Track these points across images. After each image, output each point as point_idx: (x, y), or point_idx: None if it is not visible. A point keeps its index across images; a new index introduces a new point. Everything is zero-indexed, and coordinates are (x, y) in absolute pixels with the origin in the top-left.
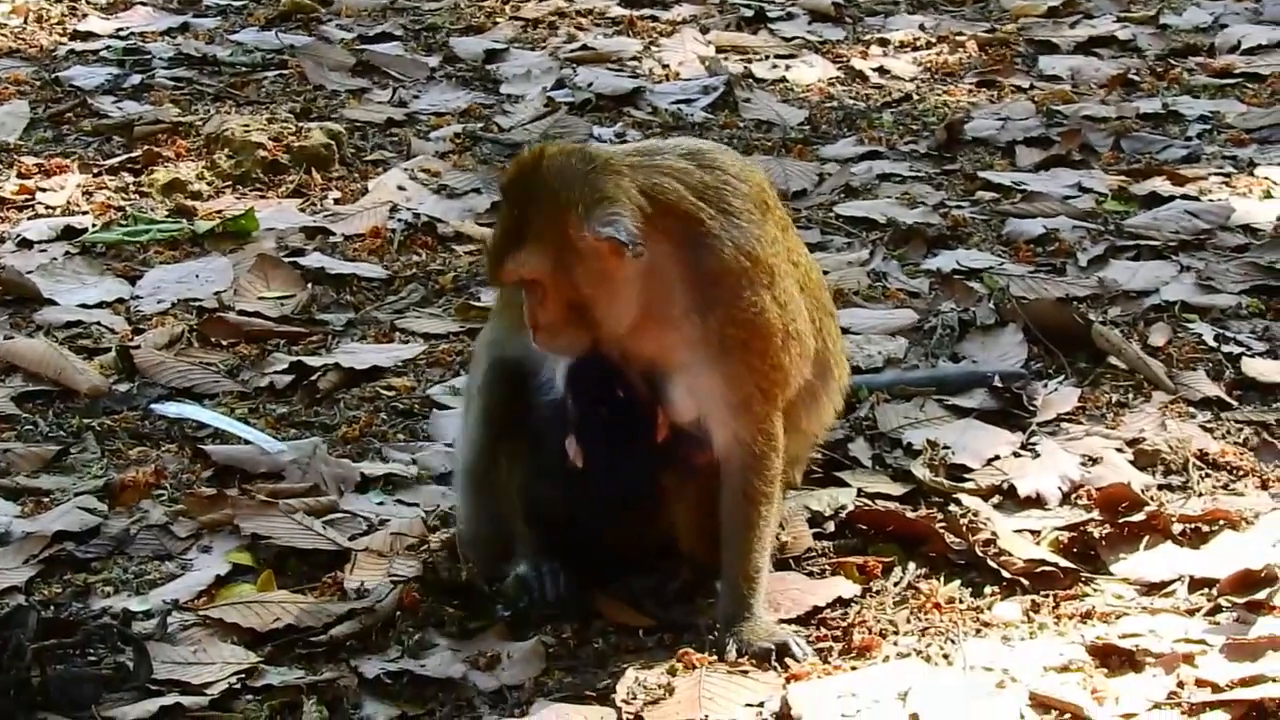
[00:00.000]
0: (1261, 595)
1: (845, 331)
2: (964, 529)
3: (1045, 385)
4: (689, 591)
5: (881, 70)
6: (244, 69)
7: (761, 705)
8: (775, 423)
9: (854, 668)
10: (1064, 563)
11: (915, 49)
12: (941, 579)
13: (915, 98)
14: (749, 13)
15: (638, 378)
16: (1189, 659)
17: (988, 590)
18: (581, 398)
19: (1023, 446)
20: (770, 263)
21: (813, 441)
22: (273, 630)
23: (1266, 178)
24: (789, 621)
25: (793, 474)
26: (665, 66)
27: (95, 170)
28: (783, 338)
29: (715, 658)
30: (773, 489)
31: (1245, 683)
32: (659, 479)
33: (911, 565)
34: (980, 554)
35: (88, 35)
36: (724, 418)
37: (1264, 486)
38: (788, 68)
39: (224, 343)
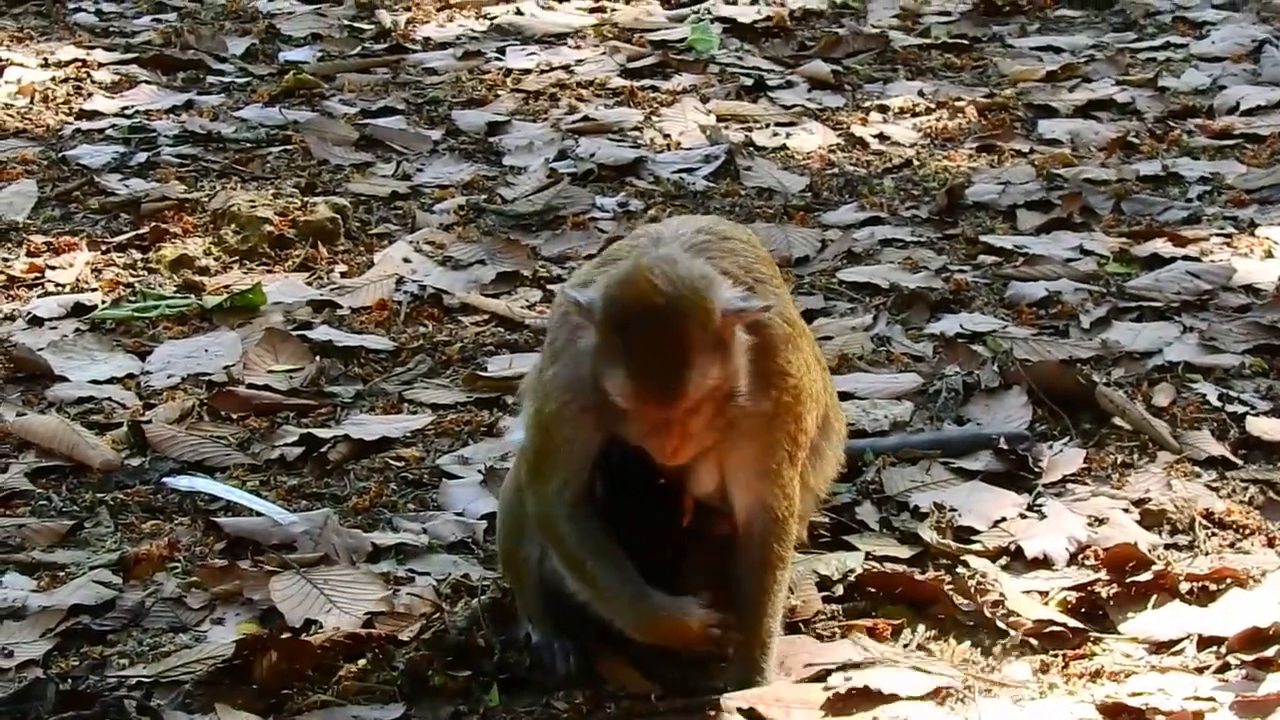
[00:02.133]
0: (1270, 653)
1: (850, 396)
2: (972, 590)
3: (1050, 447)
4: (702, 656)
5: (881, 136)
6: (248, 145)
7: None
8: (795, 487)
9: None
10: (1072, 622)
11: (914, 115)
12: (951, 640)
13: (915, 163)
14: (749, 81)
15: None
16: (1199, 716)
17: (997, 651)
18: (614, 487)
19: (1029, 508)
20: (800, 324)
21: (818, 498)
22: (284, 697)
23: (1267, 238)
24: (800, 684)
25: (800, 532)
26: (666, 136)
27: (103, 247)
28: (810, 401)
29: None
30: (789, 554)
31: None
32: (678, 557)
33: (920, 627)
34: (989, 615)
35: (93, 114)
36: (751, 484)
37: (1270, 544)
38: (788, 135)
39: (234, 416)
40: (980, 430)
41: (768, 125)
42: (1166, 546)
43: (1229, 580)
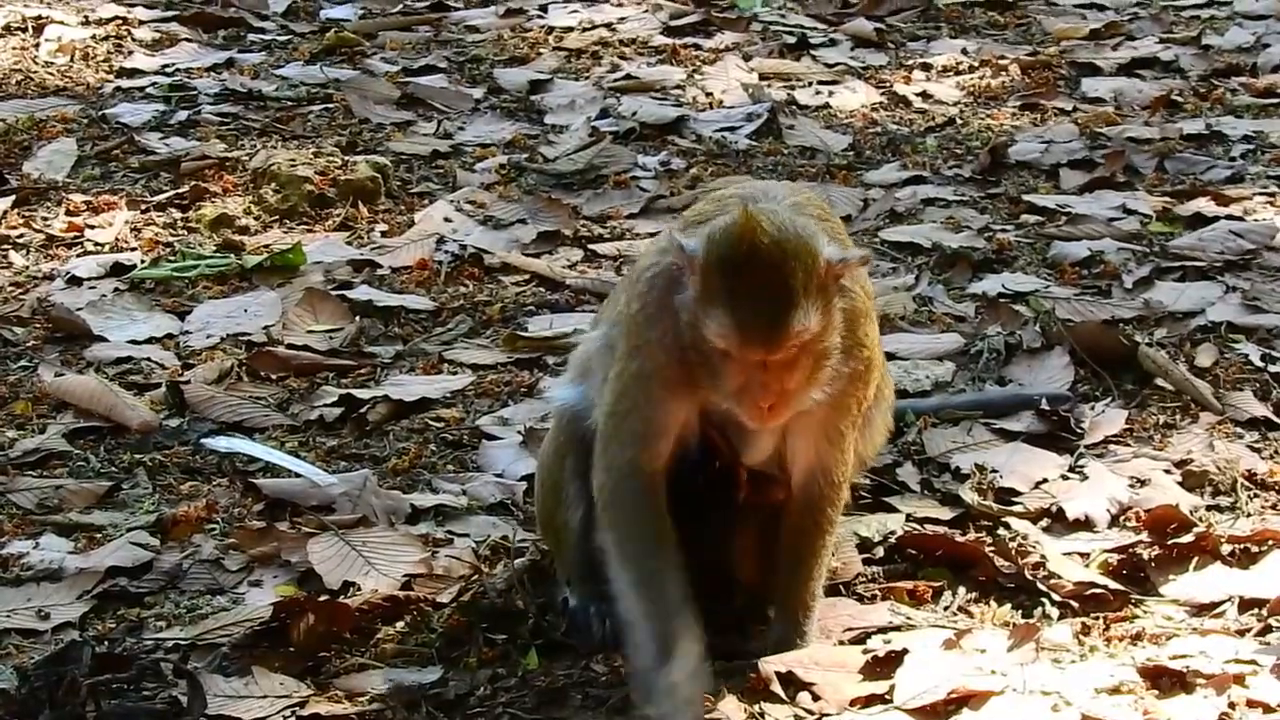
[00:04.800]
0: None
1: (892, 357)
2: (1013, 552)
3: (1092, 408)
4: (741, 618)
5: (924, 95)
6: (289, 103)
7: None
8: (851, 452)
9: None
10: (1113, 585)
11: (958, 73)
12: (992, 602)
13: (959, 122)
14: (791, 40)
15: (717, 433)
16: (1240, 679)
17: (1037, 613)
18: (679, 472)
19: (1071, 469)
20: (872, 290)
21: (864, 464)
22: (321, 660)
23: None
24: (841, 646)
25: (846, 497)
26: (709, 94)
27: (143, 207)
28: (878, 372)
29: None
30: (838, 517)
31: None
32: (729, 524)
33: (961, 589)
34: (1030, 577)
35: (133, 72)
36: (815, 448)
37: None
38: (831, 94)
39: (273, 376)
40: (1021, 391)
41: (810, 84)
42: (1208, 508)
43: (1271, 542)
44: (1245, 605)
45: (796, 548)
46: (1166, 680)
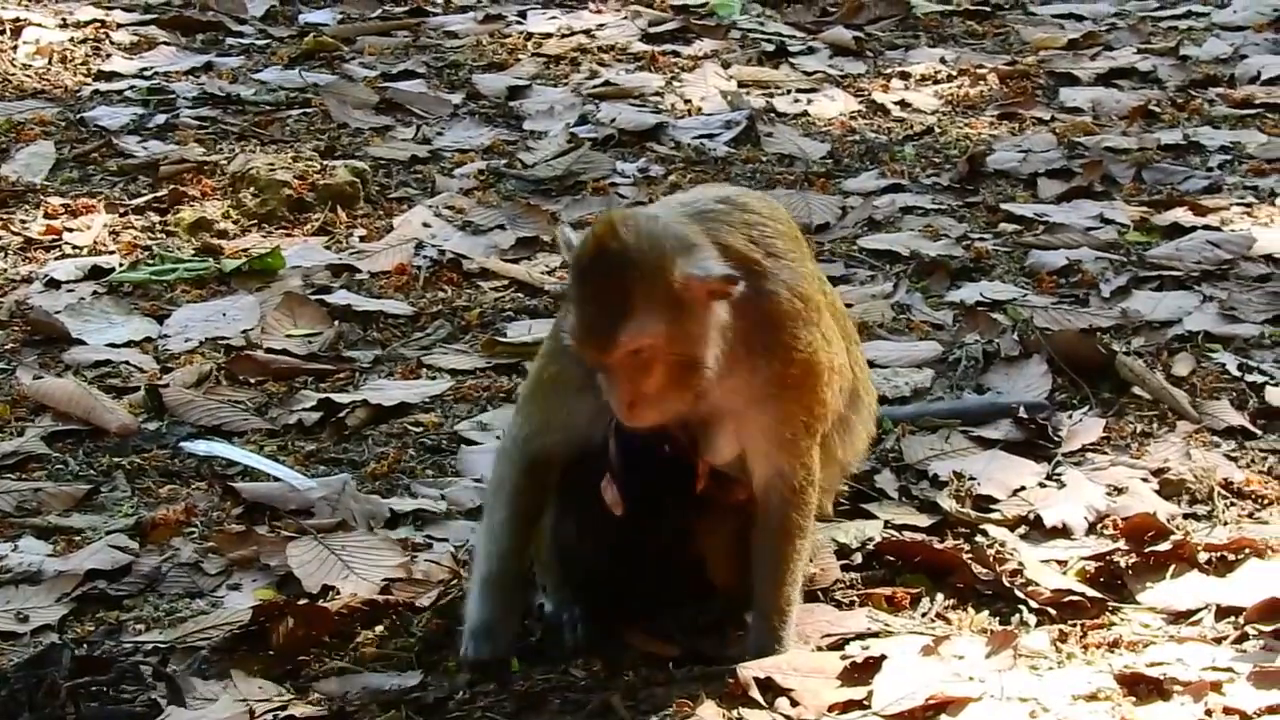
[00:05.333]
0: None
1: (870, 365)
2: (991, 559)
3: (1070, 416)
4: (720, 623)
5: (903, 103)
6: (268, 107)
7: None
8: (814, 457)
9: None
10: (1091, 592)
11: (936, 82)
12: (969, 609)
13: (937, 130)
14: (770, 47)
15: (679, 427)
16: (1216, 687)
17: (1015, 620)
18: (627, 451)
19: (1048, 477)
20: (816, 300)
21: (846, 471)
22: (300, 663)
23: None
24: (819, 653)
25: (825, 504)
26: (687, 101)
27: (121, 210)
28: (829, 374)
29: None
30: (808, 522)
31: (1273, 710)
32: (693, 522)
33: (939, 596)
34: (1007, 584)
35: (112, 75)
36: (768, 454)
37: None
38: (809, 101)
39: (252, 380)
40: (999, 399)
41: (789, 91)
42: (1185, 516)
43: (1247, 550)
44: (1222, 613)
45: (764, 551)
46: (1144, 687)
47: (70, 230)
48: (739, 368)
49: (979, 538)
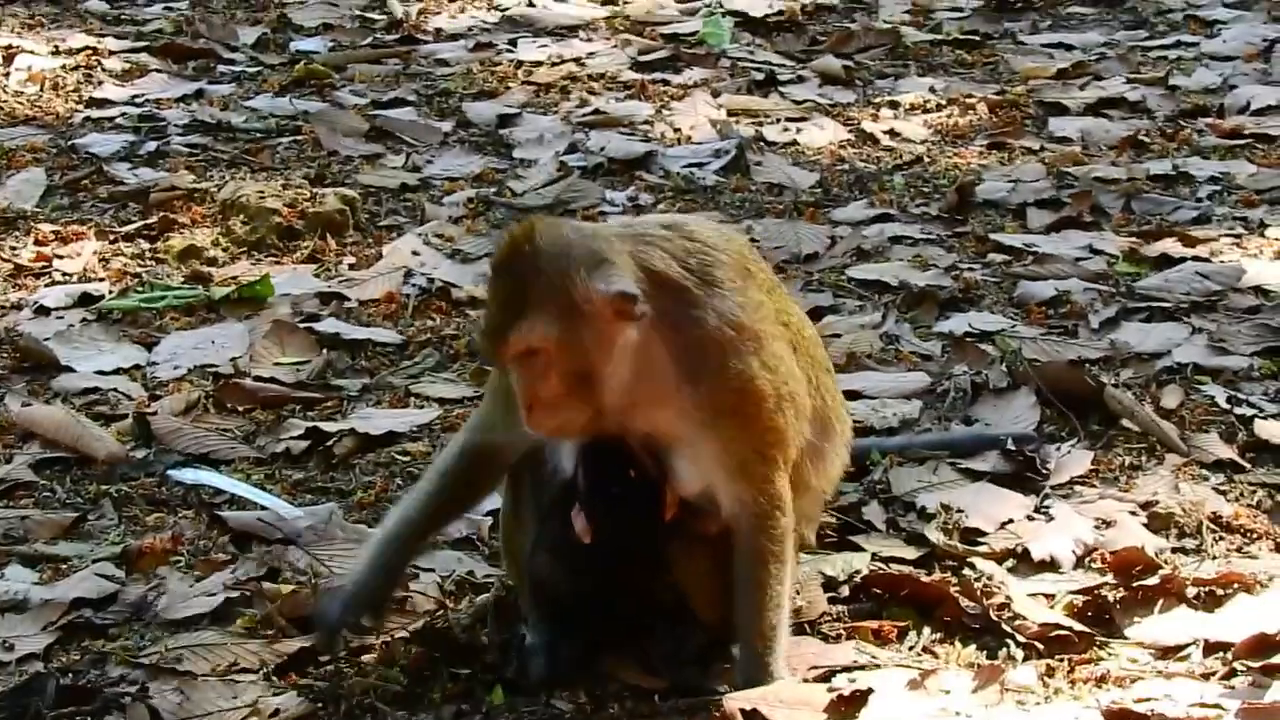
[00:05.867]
0: (1276, 659)
1: (857, 395)
2: (978, 593)
3: (1058, 448)
4: (705, 655)
5: (892, 133)
6: (258, 135)
7: None
8: (778, 482)
9: None
10: (1078, 626)
11: (925, 111)
12: (957, 643)
13: (926, 160)
14: (760, 76)
15: (645, 455)
16: None
17: (1002, 654)
18: (593, 476)
19: (1036, 510)
20: (756, 329)
21: (823, 498)
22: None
23: (1277, 239)
24: (804, 685)
25: (805, 533)
26: (677, 130)
27: (111, 237)
28: (775, 401)
29: None
30: (782, 548)
31: None
32: (667, 550)
33: (926, 629)
34: (995, 618)
35: (103, 102)
36: (726, 483)
37: (1278, 549)
38: (799, 131)
39: (240, 409)
40: (987, 431)
41: (778, 120)
42: (1174, 550)
43: (1236, 585)
44: (1210, 648)
45: (742, 581)
46: None
47: (60, 257)
48: (674, 395)
49: (966, 571)
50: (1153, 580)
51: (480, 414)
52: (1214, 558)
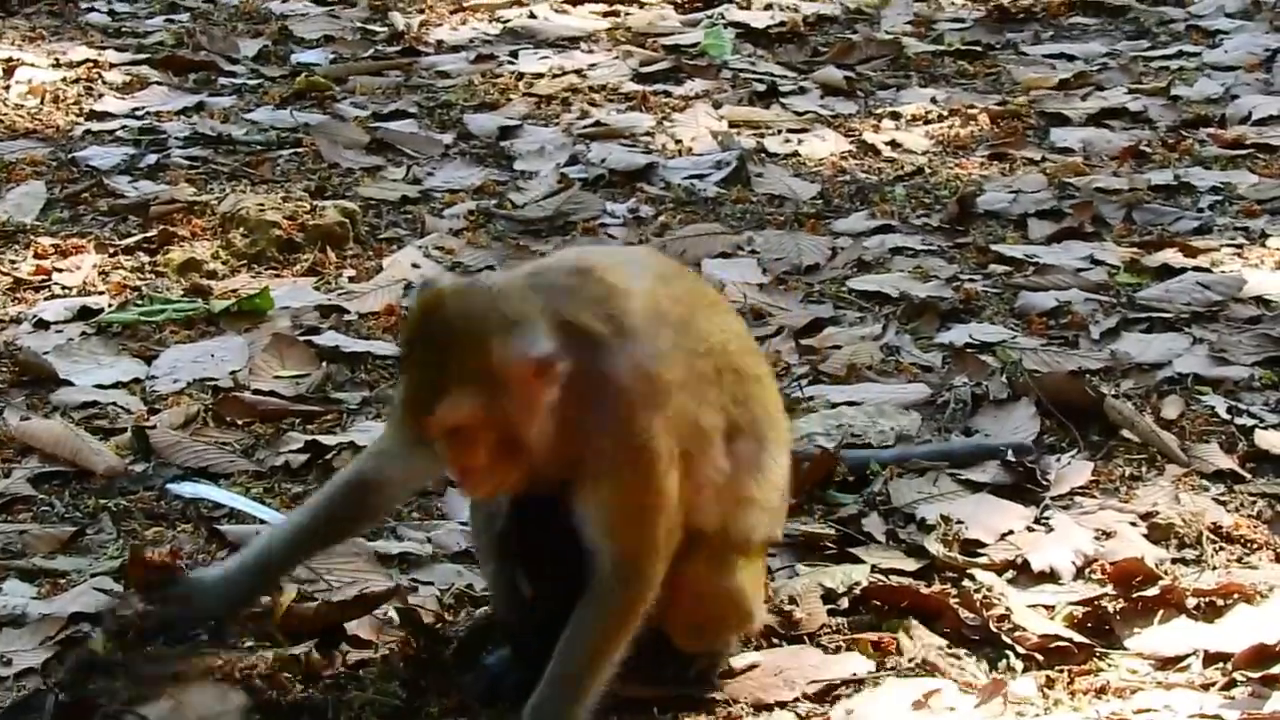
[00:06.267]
0: (1276, 670)
1: (857, 405)
2: (978, 604)
3: (1058, 459)
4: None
5: (893, 144)
6: (259, 147)
7: None
8: (648, 549)
9: None
10: (1078, 637)
11: (927, 122)
12: (956, 655)
13: (927, 171)
14: (761, 87)
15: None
16: None
17: (1002, 665)
18: (528, 536)
19: (1036, 521)
20: (666, 379)
21: (772, 506)
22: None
23: (1278, 249)
24: (805, 698)
25: (775, 532)
26: (678, 142)
27: (111, 250)
28: (667, 462)
29: None
30: (627, 612)
31: None
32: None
33: (926, 641)
34: (995, 629)
35: (104, 115)
36: (600, 535)
37: (1278, 560)
38: (800, 142)
39: (239, 422)
40: (985, 441)
41: (780, 131)
42: (1174, 561)
43: (1236, 596)
44: (1210, 659)
45: (576, 623)
46: None
47: (60, 270)
48: (575, 440)
49: (966, 582)
50: (1153, 591)
51: (381, 443)
52: (1214, 568)
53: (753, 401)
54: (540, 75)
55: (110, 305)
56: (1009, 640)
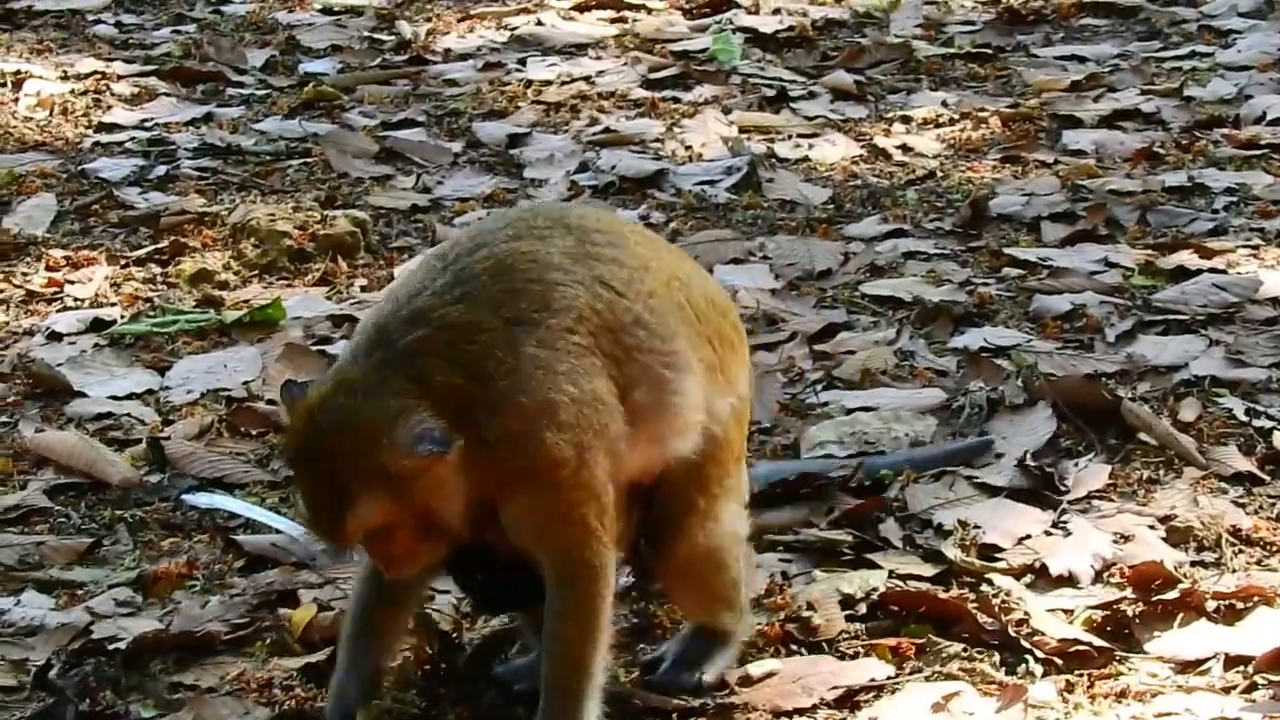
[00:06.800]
0: None
1: (871, 411)
2: (996, 609)
3: (1075, 463)
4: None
5: (905, 148)
6: (268, 158)
7: None
8: (590, 543)
9: None
10: (1098, 641)
11: (938, 125)
12: (975, 659)
13: (939, 174)
14: (771, 92)
15: (499, 535)
16: None
17: (1021, 670)
18: (459, 576)
19: (1054, 525)
20: (546, 397)
21: (696, 428)
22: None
23: None
24: (824, 705)
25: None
26: (688, 148)
27: (123, 262)
28: (575, 461)
29: None
30: (589, 611)
31: None
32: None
33: (944, 646)
34: (1013, 634)
35: (113, 127)
36: (535, 545)
37: None
38: (811, 147)
39: (253, 432)
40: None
41: (790, 136)
42: (1193, 564)
43: (1256, 598)
44: (1231, 662)
45: (549, 638)
46: None
47: (71, 283)
48: (483, 486)
49: (984, 587)
50: (1172, 594)
51: None
52: (1233, 571)
53: (638, 350)
54: (549, 82)
55: (122, 317)
56: (1028, 645)
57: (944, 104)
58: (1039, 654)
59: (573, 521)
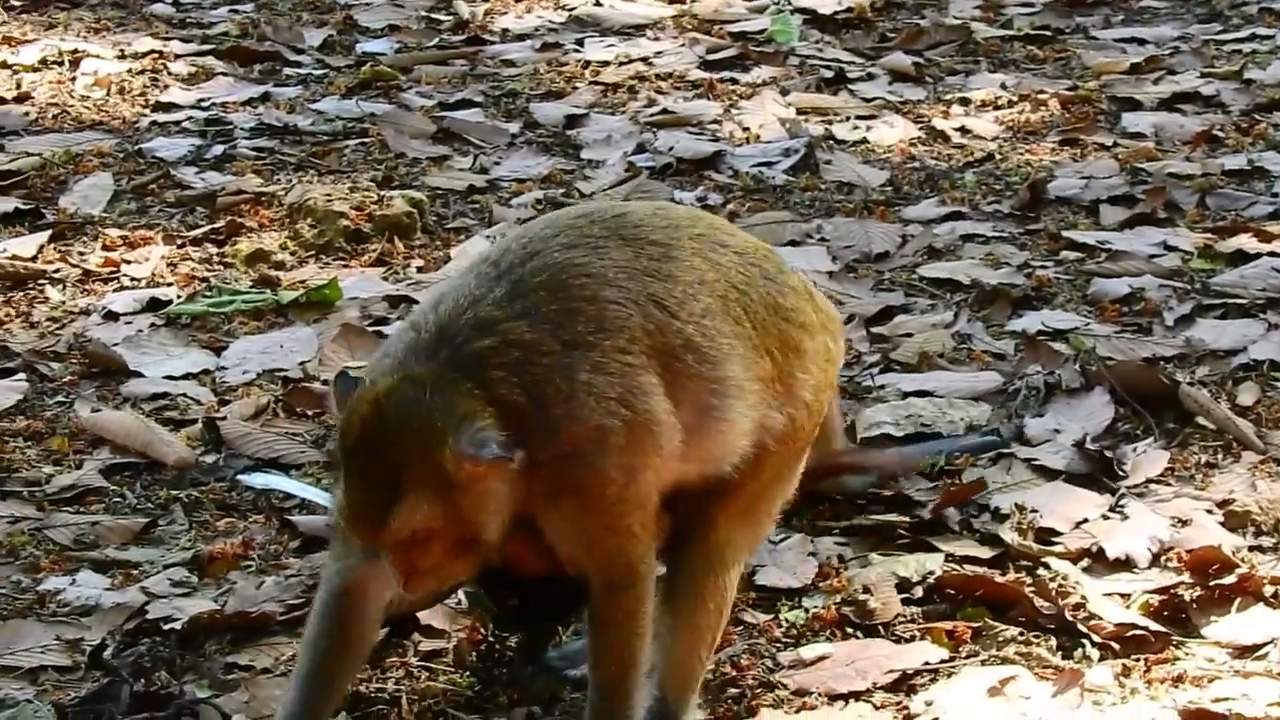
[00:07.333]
0: None
1: (927, 395)
2: (1053, 593)
3: (1134, 448)
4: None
5: (963, 130)
6: (325, 138)
7: None
8: (631, 553)
9: None
10: (1155, 626)
11: (997, 108)
12: (1031, 643)
13: (997, 157)
14: (829, 74)
15: (531, 557)
16: None
17: (1078, 654)
18: (489, 596)
19: (1111, 509)
20: (590, 426)
21: (821, 407)
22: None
23: None
24: (878, 688)
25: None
26: (746, 129)
27: (179, 242)
28: (623, 479)
29: None
30: (632, 618)
31: None
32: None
33: (1001, 630)
34: (1070, 618)
35: (170, 106)
36: (578, 551)
37: None
38: (869, 128)
39: (309, 413)
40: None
41: (848, 118)
42: (1250, 548)
43: None
44: None
45: (593, 642)
46: None
47: (128, 262)
48: (533, 501)
49: (1041, 571)
50: (1230, 579)
51: (339, 544)
52: None
53: (686, 375)
54: (606, 63)
55: (179, 296)
56: (1084, 629)
57: (1003, 86)
58: (1095, 638)
59: (619, 531)
